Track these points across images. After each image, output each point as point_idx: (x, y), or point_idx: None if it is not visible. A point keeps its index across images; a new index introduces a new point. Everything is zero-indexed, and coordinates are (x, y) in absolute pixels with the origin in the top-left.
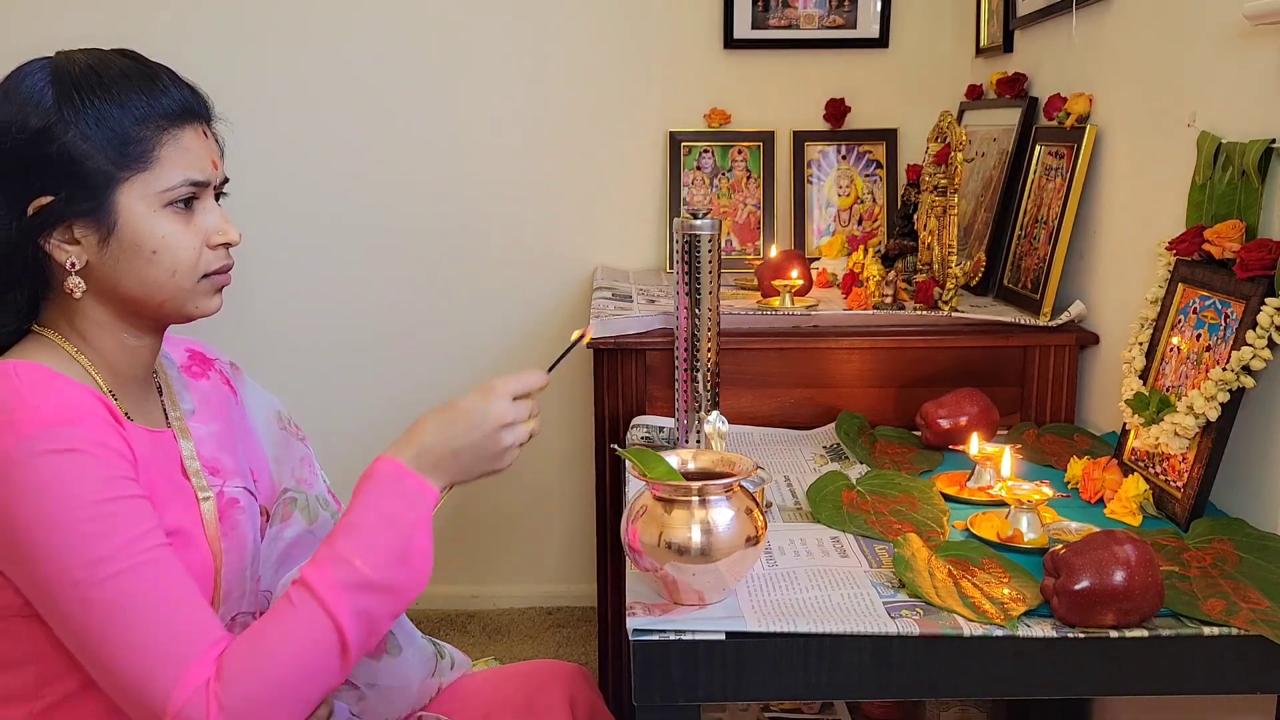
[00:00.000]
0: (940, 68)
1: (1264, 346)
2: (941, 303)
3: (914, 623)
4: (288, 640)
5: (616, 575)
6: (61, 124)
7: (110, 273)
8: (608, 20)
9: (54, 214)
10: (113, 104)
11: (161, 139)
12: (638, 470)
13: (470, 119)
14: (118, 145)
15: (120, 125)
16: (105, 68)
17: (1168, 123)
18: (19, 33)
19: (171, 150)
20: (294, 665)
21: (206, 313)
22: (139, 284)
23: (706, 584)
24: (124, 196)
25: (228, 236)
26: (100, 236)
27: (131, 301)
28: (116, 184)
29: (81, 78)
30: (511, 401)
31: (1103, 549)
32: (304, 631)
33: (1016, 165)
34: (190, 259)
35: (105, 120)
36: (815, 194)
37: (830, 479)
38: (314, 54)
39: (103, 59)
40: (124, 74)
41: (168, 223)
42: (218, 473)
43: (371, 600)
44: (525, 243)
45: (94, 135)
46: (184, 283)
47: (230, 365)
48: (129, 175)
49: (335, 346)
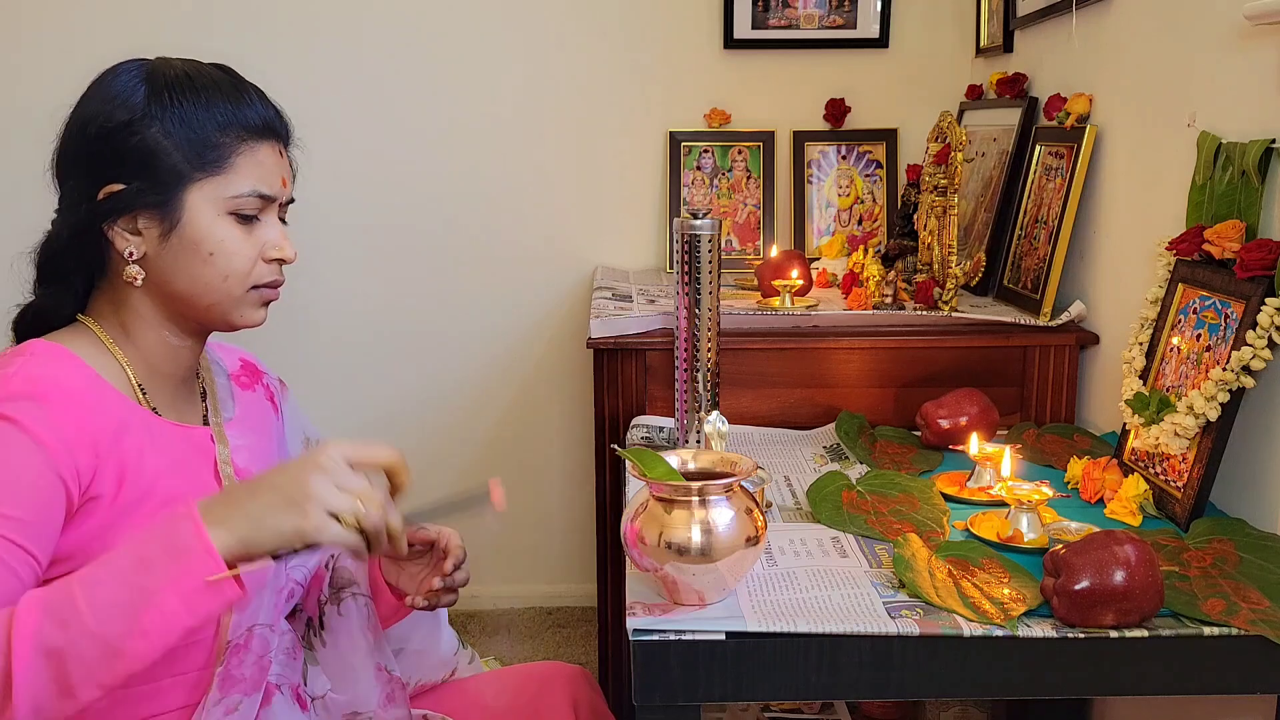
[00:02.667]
0: (940, 68)
1: (1264, 347)
2: (941, 303)
3: (914, 623)
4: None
5: (616, 575)
6: (147, 118)
7: (166, 268)
8: (608, 20)
9: (123, 202)
10: (199, 107)
11: (239, 148)
12: (638, 470)
13: (470, 119)
14: (196, 146)
15: (202, 128)
16: (199, 75)
17: (1168, 123)
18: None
19: (247, 160)
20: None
21: (250, 324)
22: (190, 283)
23: (706, 584)
24: (192, 196)
25: (283, 253)
26: (162, 231)
27: (180, 300)
28: (188, 183)
29: (175, 80)
30: (341, 460)
31: (1103, 549)
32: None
33: (1016, 165)
34: (244, 267)
35: (189, 121)
36: (815, 194)
37: (830, 479)
38: (313, 56)
39: (198, 68)
40: (215, 83)
41: (229, 229)
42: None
43: (73, 640)
44: (525, 243)
45: (176, 133)
46: (234, 290)
47: (279, 382)
48: (202, 177)
49: (334, 346)
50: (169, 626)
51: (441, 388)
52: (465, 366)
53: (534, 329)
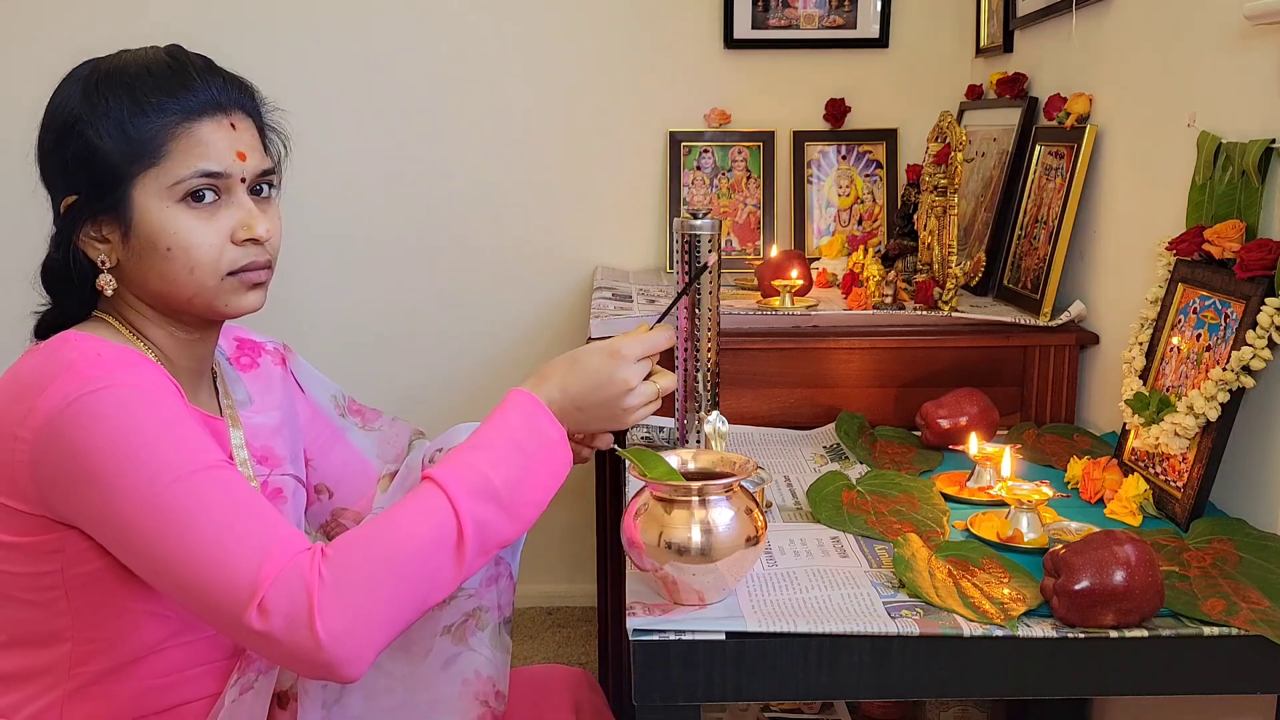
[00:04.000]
0: (940, 68)
1: (1264, 346)
2: (941, 303)
3: (914, 623)
4: (406, 519)
5: (616, 575)
6: (82, 122)
7: (136, 271)
8: (608, 20)
9: (80, 212)
10: (126, 101)
11: (174, 133)
12: (638, 470)
13: (470, 119)
14: (129, 140)
15: (132, 120)
16: (135, 65)
17: (1168, 123)
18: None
19: (184, 142)
20: (407, 546)
21: (242, 311)
22: (161, 280)
23: (706, 584)
24: (138, 193)
25: (252, 231)
26: (122, 234)
27: (161, 298)
28: (129, 180)
29: (107, 76)
30: (641, 370)
31: (1103, 549)
32: (424, 516)
33: (1016, 165)
34: (209, 255)
35: (117, 116)
36: (815, 194)
37: (830, 479)
38: (312, 56)
39: (138, 57)
40: (148, 70)
41: (182, 218)
42: (266, 461)
43: (492, 514)
44: (525, 243)
45: (111, 132)
46: (205, 280)
47: (284, 347)
48: (139, 170)
49: (334, 347)
50: (541, 500)
51: (441, 387)
52: (465, 366)
53: (534, 329)
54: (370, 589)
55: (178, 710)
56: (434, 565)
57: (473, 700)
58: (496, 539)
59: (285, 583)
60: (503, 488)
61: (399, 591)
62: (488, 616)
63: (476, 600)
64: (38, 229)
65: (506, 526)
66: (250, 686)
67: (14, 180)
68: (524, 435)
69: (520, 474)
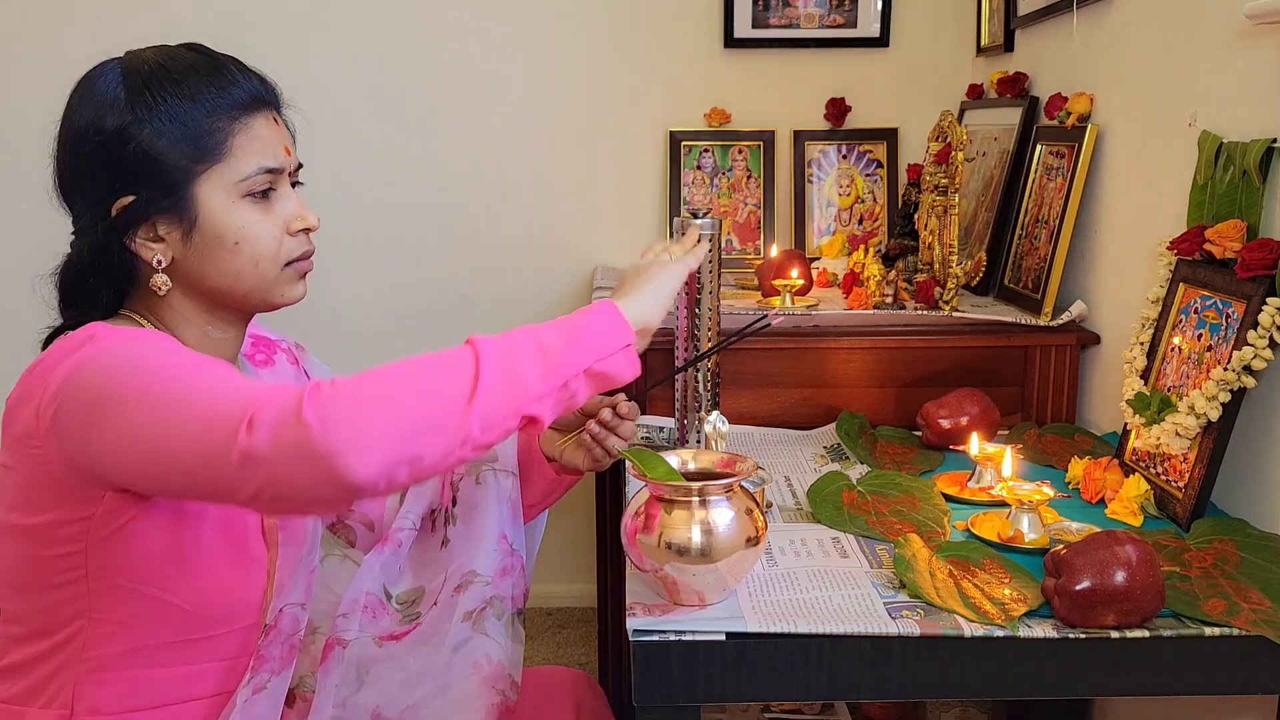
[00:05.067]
0: (941, 67)
1: (1265, 346)
2: (942, 303)
3: (915, 623)
4: (417, 357)
5: (616, 575)
6: (136, 123)
7: (195, 267)
8: (608, 20)
9: (137, 213)
10: (184, 99)
11: (234, 129)
12: (638, 470)
13: (470, 118)
14: (192, 139)
15: (193, 119)
16: (174, 63)
17: (1169, 122)
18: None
19: (244, 139)
20: (414, 368)
21: (291, 300)
22: (222, 276)
23: (707, 584)
24: (202, 190)
25: (306, 222)
26: (183, 232)
27: (217, 294)
28: (194, 178)
29: (151, 75)
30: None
31: (1104, 549)
32: (435, 354)
33: (1017, 165)
34: (272, 248)
35: (177, 116)
36: (816, 193)
37: (831, 479)
38: (311, 56)
39: (171, 55)
40: (192, 68)
41: (247, 213)
42: None
43: (522, 343)
44: (525, 242)
45: (168, 131)
46: (268, 272)
47: (296, 346)
48: (205, 168)
49: (333, 347)
50: (579, 363)
51: None
52: None
53: None
54: (363, 385)
55: (186, 706)
56: (443, 390)
57: (488, 689)
58: (523, 373)
59: (274, 397)
60: (538, 331)
61: (398, 391)
62: (503, 605)
63: (493, 589)
64: (41, 236)
65: (534, 366)
66: (263, 687)
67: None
68: (578, 314)
69: (566, 328)
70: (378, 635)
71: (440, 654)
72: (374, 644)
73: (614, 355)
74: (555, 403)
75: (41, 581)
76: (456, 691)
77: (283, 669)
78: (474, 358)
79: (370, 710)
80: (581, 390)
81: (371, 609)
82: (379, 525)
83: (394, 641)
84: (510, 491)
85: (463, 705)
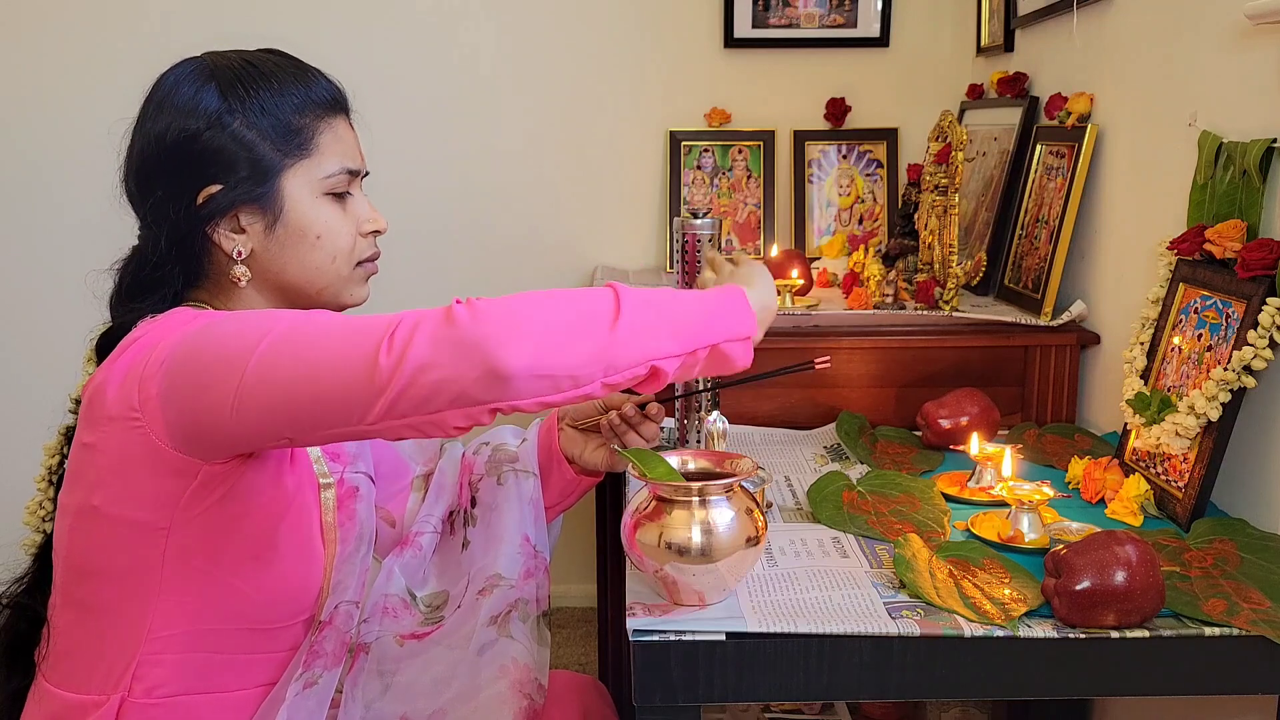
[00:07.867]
0: (941, 67)
1: (1265, 346)
2: (942, 302)
3: (915, 623)
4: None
5: (616, 575)
6: (229, 114)
7: (275, 260)
8: (608, 20)
9: (223, 202)
10: (274, 94)
11: (320, 127)
12: (638, 470)
13: (470, 119)
14: (282, 133)
15: (283, 114)
16: (260, 62)
17: (1169, 122)
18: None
19: (329, 138)
20: (558, 291)
21: (357, 301)
22: (301, 270)
23: (707, 584)
24: (289, 183)
25: (378, 224)
26: (266, 223)
27: (292, 289)
28: (282, 170)
29: (241, 71)
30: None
31: (1104, 549)
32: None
33: (1017, 165)
34: (348, 245)
35: (269, 109)
36: (816, 193)
37: (831, 479)
38: (312, 58)
39: (254, 56)
40: (278, 66)
41: (328, 209)
42: (338, 459)
43: (662, 299)
44: (525, 242)
45: (259, 124)
46: (343, 269)
47: None
48: (293, 162)
49: None
50: (697, 336)
51: None
52: None
53: None
54: (509, 298)
55: (238, 694)
56: (588, 314)
57: (516, 693)
58: (659, 325)
59: (416, 313)
60: (678, 294)
61: (545, 301)
62: (528, 608)
63: (518, 592)
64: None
65: (669, 324)
66: (314, 682)
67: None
68: (714, 291)
69: (701, 301)
70: (399, 633)
71: (465, 657)
72: (395, 642)
73: (740, 341)
74: (680, 366)
75: (116, 563)
76: (484, 696)
77: (334, 665)
78: (615, 296)
79: (398, 716)
80: (701, 364)
81: (393, 611)
82: (400, 523)
83: (415, 640)
84: (532, 493)
85: (491, 710)
